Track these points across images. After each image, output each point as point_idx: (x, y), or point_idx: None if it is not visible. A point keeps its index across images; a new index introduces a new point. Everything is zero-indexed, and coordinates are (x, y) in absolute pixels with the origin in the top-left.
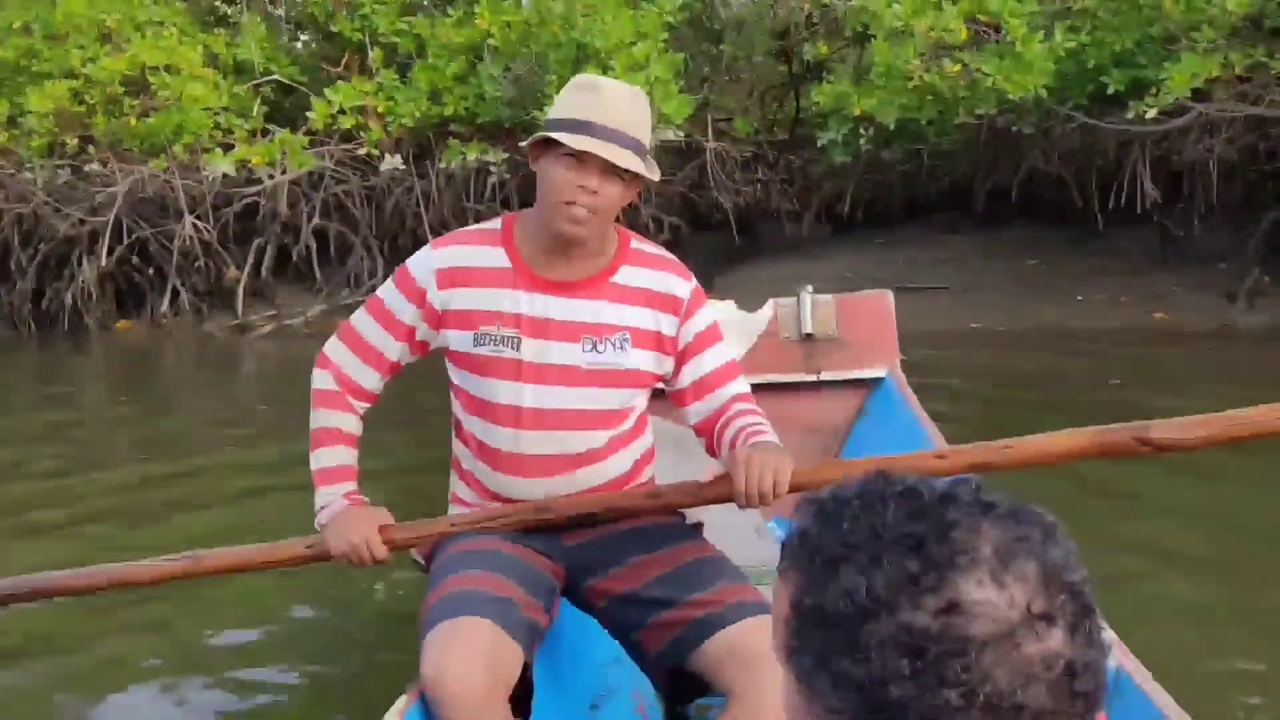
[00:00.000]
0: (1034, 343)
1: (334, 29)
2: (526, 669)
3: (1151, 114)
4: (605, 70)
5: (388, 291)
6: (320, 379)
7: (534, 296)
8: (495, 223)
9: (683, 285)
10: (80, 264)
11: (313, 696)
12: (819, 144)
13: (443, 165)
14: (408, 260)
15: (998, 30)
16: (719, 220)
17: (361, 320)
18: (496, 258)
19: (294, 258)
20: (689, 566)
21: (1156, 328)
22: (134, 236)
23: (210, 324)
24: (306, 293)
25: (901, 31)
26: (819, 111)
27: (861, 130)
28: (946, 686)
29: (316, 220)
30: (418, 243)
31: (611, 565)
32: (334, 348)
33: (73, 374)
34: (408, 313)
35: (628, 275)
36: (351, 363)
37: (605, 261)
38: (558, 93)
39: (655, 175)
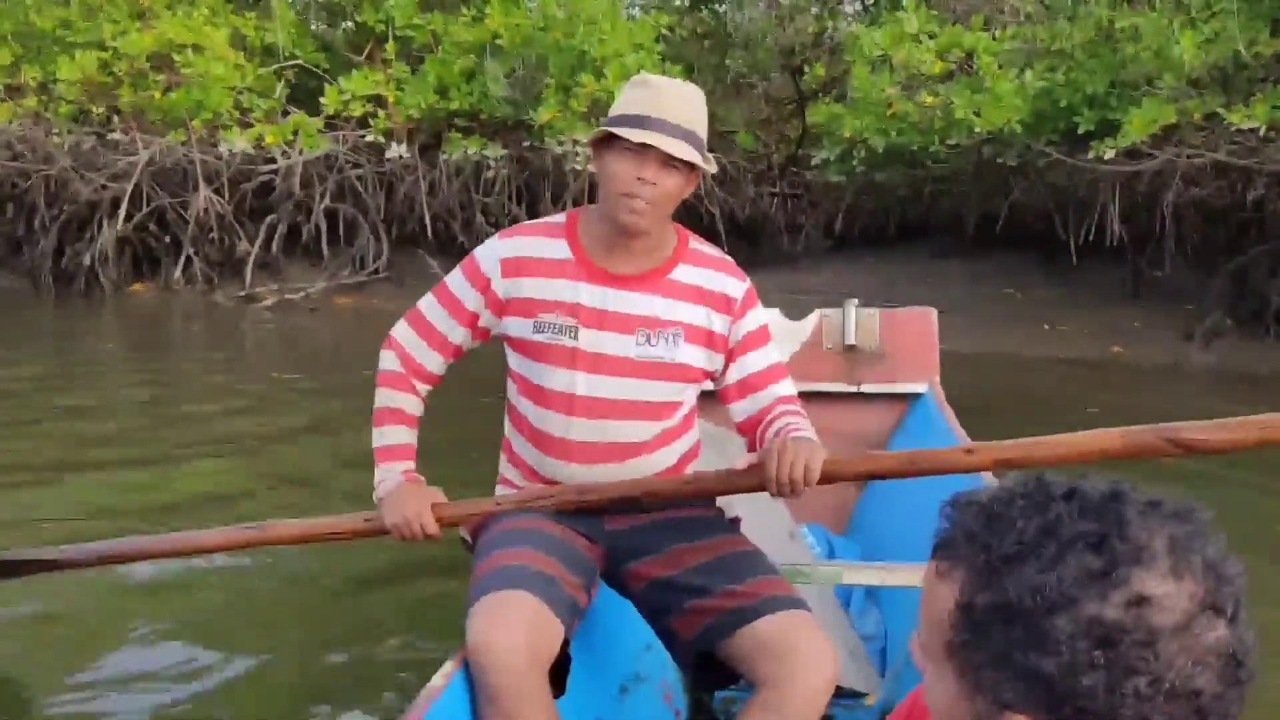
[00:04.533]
0: (989, 366)
1: (360, 19)
2: (566, 644)
3: (1110, 154)
4: (599, 77)
5: (454, 279)
6: (386, 360)
7: (593, 288)
8: (560, 217)
9: (737, 285)
10: (100, 227)
11: (361, 659)
12: (812, 162)
13: (445, 157)
14: (475, 250)
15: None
16: (725, 228)
17: (428, 305)
18: (559, 249)
19: (304, 236)
20: (726, 558)
21: (1111, 360)
22: (153, 205)
23: (219, 293)
24: (312, 269)
25: (881, 61)
26: (816, 131)
27: (854, 152)
28: (1135, 675)
29: (328, 201)
30: (423, 230)
31: (651, 551)
32: (401, 330)
33: (87, 330)
34: (472, 299)
35: (684, 273)
36: (417, 345)
37: (663, 258)
38: (554, 96)
39: (712, 167)
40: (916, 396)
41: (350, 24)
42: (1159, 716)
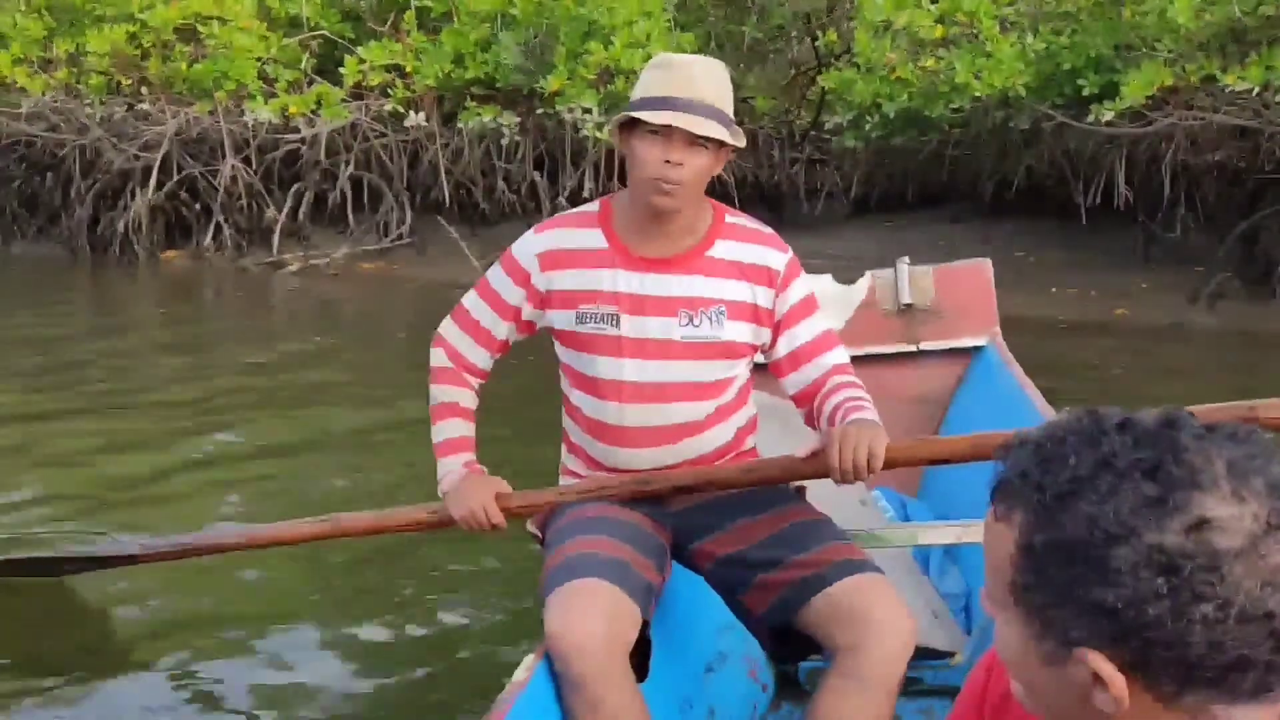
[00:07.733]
0: None
1: None
2: (645, 627)
3: (1109, 117)
4: (607, 45)
5: (495, 275)
6: (436, 357)
7: (631, 274)
8: (594, 205)
9: (778, 257)
10: (133, 196)
11: (442, 658)
12: (825, 127)
13: (460, 125)
14: (512, 245)
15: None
16: (745, 194)
17: (472, 302)
18: (594, 239)
19: (330, 203)
20: (793, 528)
21: (1114, 322)
22: (183, 173)
23: (247, 259)
24: (338, 236)
25: (884, 26)
26: (832, 97)
27: (868, 117)
28: (1202, 601)
29: (353, 170)
30: (446, 197)
31: (716, 529)
32: (447, 328)
33: (123, 296)
34: (514, 294)
35: (723, 249)
36: (464, 342)
37: (700, 236)
38: (565, 63)
39: (740, 141)
40: (978, 350)
41: None
42: (1231, 641)
